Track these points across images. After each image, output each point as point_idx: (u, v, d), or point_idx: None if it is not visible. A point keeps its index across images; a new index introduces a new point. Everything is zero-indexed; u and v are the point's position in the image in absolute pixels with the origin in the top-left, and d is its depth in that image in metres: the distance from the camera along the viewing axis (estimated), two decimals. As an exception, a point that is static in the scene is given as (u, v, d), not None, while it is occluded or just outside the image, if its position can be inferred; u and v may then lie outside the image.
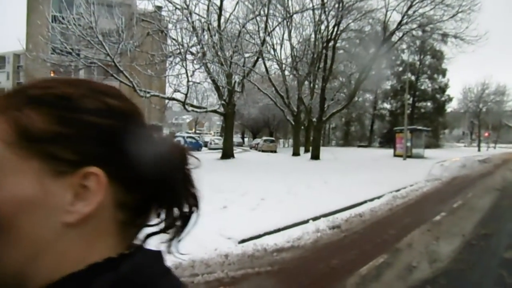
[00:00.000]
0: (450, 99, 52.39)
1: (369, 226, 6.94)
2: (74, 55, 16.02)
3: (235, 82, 19.40)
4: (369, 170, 16.37)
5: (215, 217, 6.54)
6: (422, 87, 51.97)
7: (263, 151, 34.20)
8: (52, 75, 29.41)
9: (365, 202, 8.96)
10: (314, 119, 25.95)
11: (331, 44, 22.48)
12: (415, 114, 50.63)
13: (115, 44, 15.92)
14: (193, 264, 4.52)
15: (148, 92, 17.82)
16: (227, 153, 21.28)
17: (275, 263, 4.70)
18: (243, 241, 5.49)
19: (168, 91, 21.88)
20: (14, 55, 56.69)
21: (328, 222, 6.84)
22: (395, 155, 27.15)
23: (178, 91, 17.35)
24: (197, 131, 71.42)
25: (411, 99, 50.55)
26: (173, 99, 19.43)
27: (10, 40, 51.15)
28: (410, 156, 25.33)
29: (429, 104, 52.87)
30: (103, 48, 14.92)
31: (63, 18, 16.60)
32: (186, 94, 17.72)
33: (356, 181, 12.11)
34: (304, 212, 7.26)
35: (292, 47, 25.38)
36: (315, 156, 22.37)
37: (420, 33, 23.83)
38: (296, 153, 27.44)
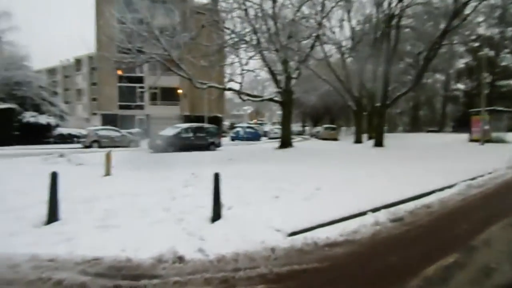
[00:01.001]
0: (537, 76, 46.34)
1: (437, 219, 6.16)
2: (134, 52, 16.66)
3: (291, 68, 18.87)
4: (440, 157, 14.96)
5: (265, 208, 6.25)
6: (503, 63, 46.56)
7: (323, 139, 33.29)
8: (118, 73, 31.25)
9: (433, 192, 8.05)
10: (378, 104, 24.51)
11: (394, 21, 20.83)
12: (494, 94, 45.73)
13: (171, 38, 16.27)
14: (237, 257, 4.26)
15: (205, 84, 18.02)
16: (285, 142, 20.93)
17: (325, 259, 4.27)
18: (293, 233, 5.12)
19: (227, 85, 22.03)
20: (88, 57, 61.48)
21: (389, 214, 6.19)
22: (471, 140, 24.71)
23: (232, 80, 17.30)
24: (258, 122, 71.80)
25: (490, 77, 45.73)
26: (229, 89, 19.50)
27: (85, 44, 55.49)
28: (489, 141, 22.86)
29: (511, 82, 47.35)
30: (159, 42, 15.26)
31: (123, 18, 17.35)
32: (240, 83, 17.60)
33: (424, 169, 11.06)
34: (362, 202, 6.67)
35: (352, 28, 24.06)
36: (379, 143, 21.12)
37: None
38: (358, 141, 26.24)
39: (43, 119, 24.46)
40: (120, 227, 5.02)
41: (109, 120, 34.62)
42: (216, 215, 5.51)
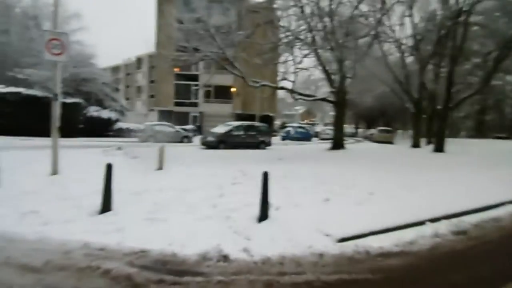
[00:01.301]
0: None
1: (509, 235, 5.52)
2: (190, 50, 17.04)
3: (346, 68, 18.25)
4: (510, 166, 13.61)
5: (315, 211, 6.00)
6: None
7: (377, 142, 31.94)
8: (175, 70, 32.35)
9: (502, 204, 7.28)
10: (439, 107, 22.97)
11: (462, 18, 19.34)
12: None
13: (226, 37, 16.44)
14: (283, 260, 4.09)
15: (258, 82, 18.01)
16: (337, 144, 20.32)
17: (378, 270, 3.96)
18: (343, 239, 4.83)
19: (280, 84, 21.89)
20: (148, 56, 64.55)
21: (451, 226, 5.65)
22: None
23: (285, 79, 17.09)
24: (310, 122, 70.91)
25: None
26: (282, 88, 19.32)
27: (146, 44, 58.35)
28: None
29: None
30: (214, 41, 15.47)
31: (181, 17, 17.86)
32: (293, 82, 17.33)
33: (491, 178, 10.09)
34: (420, 211, 6.17)
35: (413, 26, 22.75)
36: (439, 148, 19.75)
37: None
38: (416, 145, 24.79)
39: (105, 114, 26.02)
40: (168, 221, 5.06)
41: (165, 116, 36.03)
42: (264, 215, 5.37)
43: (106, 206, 5.32)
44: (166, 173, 9.45)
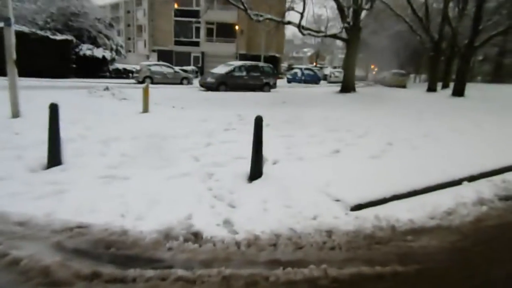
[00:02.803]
0: None
1: None
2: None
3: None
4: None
5: (321, 165, 4.79)
6: None
7: (390, 85, 30.03)
8: (175, 6, 29.85)
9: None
10: (459, 47, 20.87)
11: None
12: None
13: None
14: (276, 240, 2.95)
15: (261, 16, 16.05)
16: (347, 86, 18.71)
17: (410, 257, 2.81)
18: (358, 207, 3.66)
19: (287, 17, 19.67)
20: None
21: (495, 187, 4.44)
22: None
23: (293, 8, 15.08)
24: (318, 65, 67.96)
25: None
26: (288, 22, 17.28)
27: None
28: None
29: None
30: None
31: None
32: (301, 13, 15.35)
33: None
34: (452, 166, 4.93)
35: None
36: (459, 92, 18.07)
37: None
38: (432, 89, 23.05)
39: (99, 53, 24.18)
40: (129, 180, 3.90)
41: (164, 56, 34.01)
42: (256, 172, 4.18)
43: (53, 159, 4.14)
44: (150, 116, 8.20)
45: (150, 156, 4.80)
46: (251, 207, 3.45)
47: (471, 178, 4.78)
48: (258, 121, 4.09)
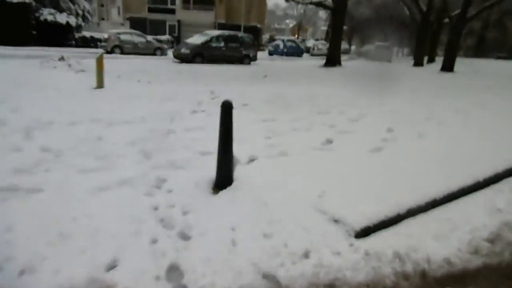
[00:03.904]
0: None
1: None
2: None
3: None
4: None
5: (311, 164, 3.69)
6: None
7: (374, 59, 28.90)
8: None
9: None
10: (447, 20, 19.85)
11: None
12: None
13: None
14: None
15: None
16: (333, 60, 17.49)
17: None
18: (365, 232, 2.60)
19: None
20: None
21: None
22: None
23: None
24: (300, 37, 65.98)
25: None
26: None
27: None
28: None
29: None
30: None
31: None
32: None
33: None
34: (470, 162, 3.93)
35: None
36: (448, 67, 17.15)
37: None
38: (418, 63, 22.12)
39: (62, 18, 21.90)
40: (38, 195, 2.67)
41: (138, 24, 31.55)
42: (224, 179, 3.04)
43: None
44: (104, 94, 6.85)
45: (83, 151, 3.57)
46: (212, 239, 2.33)
47: (497, 177, 3.81)
48: (227, 108, 2.90)
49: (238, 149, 3.28)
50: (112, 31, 21.41)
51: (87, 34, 24.37)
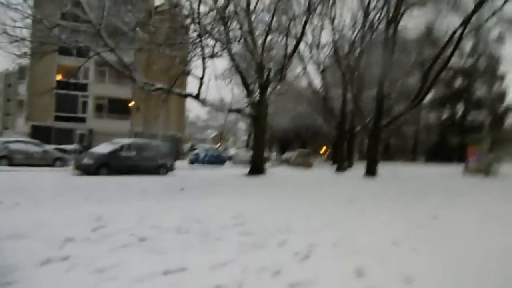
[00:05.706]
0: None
1: None
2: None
3: (269, 72, 14.61)
4: (471, 195, 11.02)
5: None
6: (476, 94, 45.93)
7: (296, 166, 28.90)
8: (58, 77, 25.82)
9: None
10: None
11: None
12: (465, 126, 44.75)
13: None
14: None
15: (153, 85, 13.32)
16: (257, 168, 16.38)
17: None
18: None
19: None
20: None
21: None
22: (468, 172, 21.38)
23: (189, 72, 12.71)
24: (222, 147, 67.00)
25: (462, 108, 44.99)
26: (188, 95, 14.87)
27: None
28: (487, 173, 19.59)
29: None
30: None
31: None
32: (201, 78, 13.02)
33: (480, 213, 6.98)
34: None
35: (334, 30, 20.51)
36: (372, 172, 17.08)
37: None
38: (340, 168, 22.27)
39: None
40: None
41: (42, 133, 28.46)
42: None
43: None
44: None
45: None
46: None
47: None
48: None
49: None
50: (0, 139, 18.28)
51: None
